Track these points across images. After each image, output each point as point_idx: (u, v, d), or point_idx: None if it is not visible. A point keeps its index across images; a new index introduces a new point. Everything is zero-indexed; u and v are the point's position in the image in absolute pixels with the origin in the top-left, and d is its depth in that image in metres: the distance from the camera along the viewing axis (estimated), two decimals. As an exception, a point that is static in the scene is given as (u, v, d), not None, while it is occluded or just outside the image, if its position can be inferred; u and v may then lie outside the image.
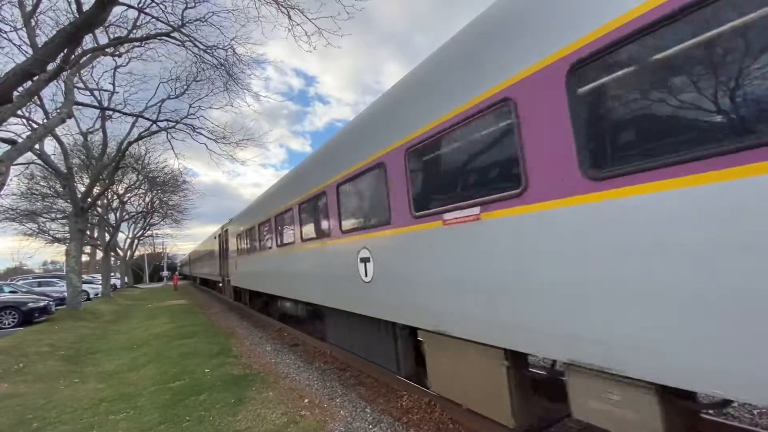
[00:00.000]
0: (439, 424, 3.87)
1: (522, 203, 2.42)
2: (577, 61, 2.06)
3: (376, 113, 4.42)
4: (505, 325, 2.59)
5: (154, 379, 6.11)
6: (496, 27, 2.70)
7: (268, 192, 9.78)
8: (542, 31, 2.29)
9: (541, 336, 2.32)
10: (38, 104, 13.69)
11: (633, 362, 1.86)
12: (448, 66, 3.16)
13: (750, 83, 1.51)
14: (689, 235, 1.64)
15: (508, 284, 2.54)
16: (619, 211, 1.88)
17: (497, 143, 2.66)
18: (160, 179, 27.26)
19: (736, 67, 1.54)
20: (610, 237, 1.92)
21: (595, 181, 1.99)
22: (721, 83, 1.59)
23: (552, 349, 2.26)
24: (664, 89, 1.76)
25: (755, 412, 3.77)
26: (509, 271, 2.53)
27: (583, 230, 2.04)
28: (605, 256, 1.94)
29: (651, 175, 1.76)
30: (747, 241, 1.48)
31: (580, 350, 2.08)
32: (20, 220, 25.03)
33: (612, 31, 1.89)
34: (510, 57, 2.50)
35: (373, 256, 4.23)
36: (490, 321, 2.70)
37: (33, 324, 12.65)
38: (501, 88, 2.54)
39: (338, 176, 5.05)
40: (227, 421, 4.25)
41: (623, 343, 1.89)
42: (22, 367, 7.31)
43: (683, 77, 1.71)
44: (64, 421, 4.68)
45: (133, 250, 42.49)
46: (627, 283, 1.86)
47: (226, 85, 14.68)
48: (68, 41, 7.52)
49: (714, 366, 1.60)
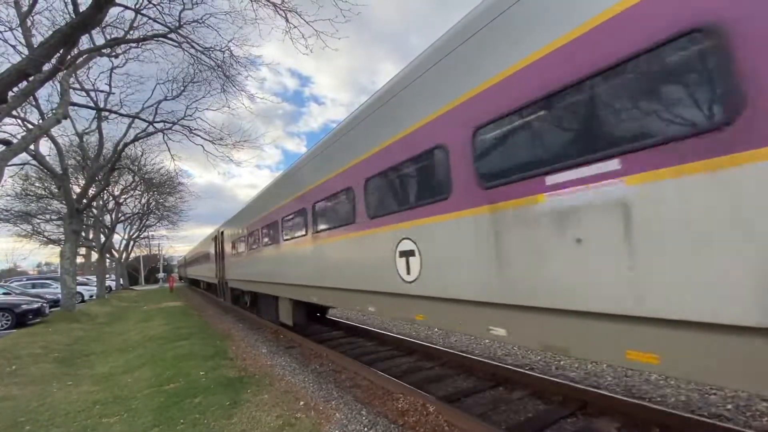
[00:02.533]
0: (435, 427, 3.87)
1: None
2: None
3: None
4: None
5: (149, 381, 6.06)
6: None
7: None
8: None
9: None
10: (33, 105, 13.64)
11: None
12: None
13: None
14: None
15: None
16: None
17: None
18: (157, 180, 27.17)
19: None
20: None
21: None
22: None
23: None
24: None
25: (748, 414, 3.79)
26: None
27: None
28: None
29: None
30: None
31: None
32: (15, 221, 24.80)
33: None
34: None
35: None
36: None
37: (27, 326, 12.54)
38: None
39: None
40: (222, 423, 4.22)
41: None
42: (14, 370, 7.23)
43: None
44: (57, 424, 4.63)
45: (128, 251, 42.25)
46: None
47: (223, 87, 14.68)
48: (64, 42, 7.49)
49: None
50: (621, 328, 2.07)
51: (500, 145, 2.84)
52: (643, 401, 4.02)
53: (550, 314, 2.45)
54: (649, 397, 4.32)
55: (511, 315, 2.75)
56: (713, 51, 1.66)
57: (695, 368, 1.81)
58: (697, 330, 1.76)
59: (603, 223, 2.07)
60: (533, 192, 2.48)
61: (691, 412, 3.82)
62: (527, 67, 2.53)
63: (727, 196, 1.59)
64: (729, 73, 1.61)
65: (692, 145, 1.71)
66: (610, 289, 2.06)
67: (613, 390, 4.59)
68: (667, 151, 1.80)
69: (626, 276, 1.98)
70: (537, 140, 2.53)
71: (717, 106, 1.67)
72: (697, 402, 4.13)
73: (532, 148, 2.55)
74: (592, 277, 2.15)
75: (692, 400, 4.17)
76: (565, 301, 2.30)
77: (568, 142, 2.33)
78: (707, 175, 1.65)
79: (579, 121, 2.29)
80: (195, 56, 13.01)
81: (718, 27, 1.62)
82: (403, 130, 3.85)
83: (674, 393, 4.39)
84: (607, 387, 4.72)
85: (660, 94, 1.88)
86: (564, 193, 2.28)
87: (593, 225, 2.13)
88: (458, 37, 3.20)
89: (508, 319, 2.79)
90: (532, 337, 2.63)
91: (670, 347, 1.88)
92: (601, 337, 2.19)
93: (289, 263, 7.54)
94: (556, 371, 5.43)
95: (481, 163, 2.93)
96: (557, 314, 2.41)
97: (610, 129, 2.09)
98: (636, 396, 4.35)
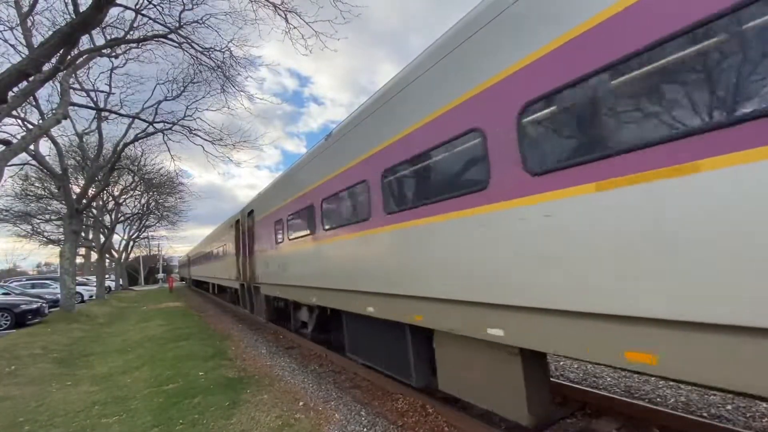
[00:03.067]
0: (435, 427, 3.86)
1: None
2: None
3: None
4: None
5: (148, 381, 6.06)
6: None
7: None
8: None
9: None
10: (33, 105, 13.63)
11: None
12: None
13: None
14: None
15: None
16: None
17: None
18: (156, 181, 27.14)
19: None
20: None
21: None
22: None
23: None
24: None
25: (748, 415, 3.79)
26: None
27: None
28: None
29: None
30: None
31: None
32: (14, 221, 24.78)
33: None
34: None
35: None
36: None
37: (26, 326, 12.52)
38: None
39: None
40: (221, 424, 4.22)
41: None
42: (14, 370, 7.23)
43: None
44: (56, 424, 4.63)
45: (128, 252, 42.21)
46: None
47: (223, 87, 14.67)
48: (64, 42, 7.49)
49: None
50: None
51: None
52: (643, 401, 4.02)
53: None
54: (649, 398, 4.32)
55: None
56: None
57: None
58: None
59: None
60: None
61: (690, 412, 3.82)
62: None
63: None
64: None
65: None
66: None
67: (613, 390, 4.59)
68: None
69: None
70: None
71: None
72: (697, 402, 4.13)
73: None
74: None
75: (692, 401, 4.17)
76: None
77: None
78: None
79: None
80: (195, 57, 13.02)
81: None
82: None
83: (674, 394, 4.38)
84: (607, 387, 4.72)
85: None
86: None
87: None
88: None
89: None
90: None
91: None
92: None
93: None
94: (555, 371, 5.43)
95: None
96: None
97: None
98: (635, 396, 4.35)
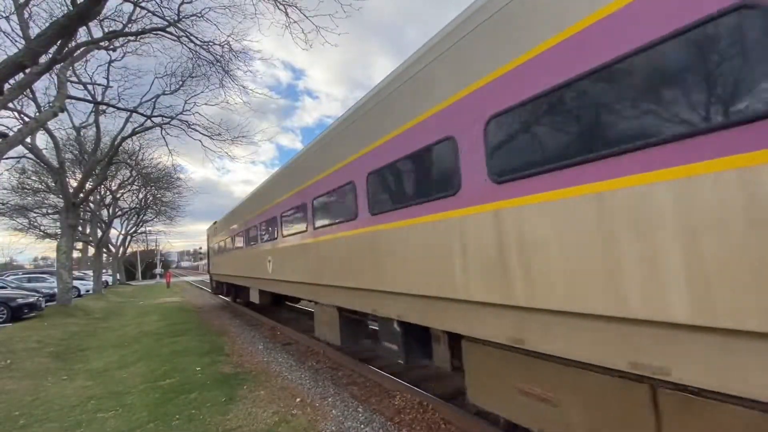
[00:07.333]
0: (431, 424, 3.86)
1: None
2: None
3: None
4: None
5: (144, 377, 6.04)
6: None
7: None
8: None
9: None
10: (30, 97, 13.51)
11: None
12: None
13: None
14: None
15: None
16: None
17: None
18: (154, 175, 27.02)
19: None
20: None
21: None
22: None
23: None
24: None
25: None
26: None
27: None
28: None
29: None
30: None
31: None
32: (11, 215, 24.69)
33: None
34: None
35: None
36: None
37: (22, 320, 12.46)
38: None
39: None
40: (217, 419, 4.21)
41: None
42: (9, 364, 7.19)
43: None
44: (52, 418, 4.61)
45: (125, 246, 42.09)
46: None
47: (221, 82, 14.59)
48: (61, 33, 7.41)
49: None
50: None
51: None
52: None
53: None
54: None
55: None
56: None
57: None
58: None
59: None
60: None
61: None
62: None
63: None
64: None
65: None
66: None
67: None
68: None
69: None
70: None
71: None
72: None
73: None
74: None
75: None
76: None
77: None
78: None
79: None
80: (194, 50, 12.93)
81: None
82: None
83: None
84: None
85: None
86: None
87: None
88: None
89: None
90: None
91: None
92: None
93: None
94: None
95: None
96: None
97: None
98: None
